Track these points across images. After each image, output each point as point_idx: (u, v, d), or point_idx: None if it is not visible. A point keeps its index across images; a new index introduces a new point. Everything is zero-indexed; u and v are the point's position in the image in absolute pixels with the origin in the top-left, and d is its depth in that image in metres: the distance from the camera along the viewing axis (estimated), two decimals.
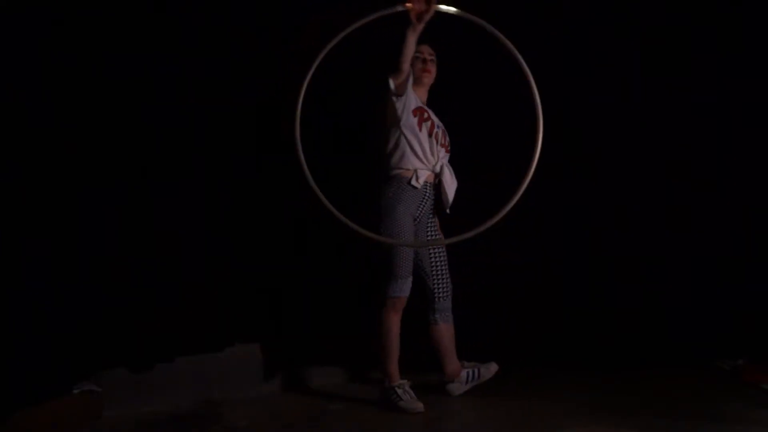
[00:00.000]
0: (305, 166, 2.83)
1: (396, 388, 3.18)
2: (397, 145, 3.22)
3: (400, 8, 2.93)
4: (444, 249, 3.38)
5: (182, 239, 3.27)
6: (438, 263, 3.35)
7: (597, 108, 3.81)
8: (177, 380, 3.27)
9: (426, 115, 3.24)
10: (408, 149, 3.20)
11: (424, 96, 3.37)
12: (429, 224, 3.35)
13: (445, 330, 3.37)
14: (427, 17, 2.93)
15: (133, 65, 3.15)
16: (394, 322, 3.22)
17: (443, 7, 2.92)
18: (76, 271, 3.00)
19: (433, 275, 3.34)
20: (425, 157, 3.22)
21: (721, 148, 3.82)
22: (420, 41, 3.14)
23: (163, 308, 3.22)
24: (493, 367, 3.40)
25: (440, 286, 3.35)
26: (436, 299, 3.35)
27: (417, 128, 3.19)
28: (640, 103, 3.82)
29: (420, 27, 2.95)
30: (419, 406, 3.13)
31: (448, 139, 3.33)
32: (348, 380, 3.67)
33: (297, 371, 3.59)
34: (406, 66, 3.05)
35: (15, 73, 2.85)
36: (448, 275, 3.37)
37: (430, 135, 3.23)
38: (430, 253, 3.34)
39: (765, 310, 3.75)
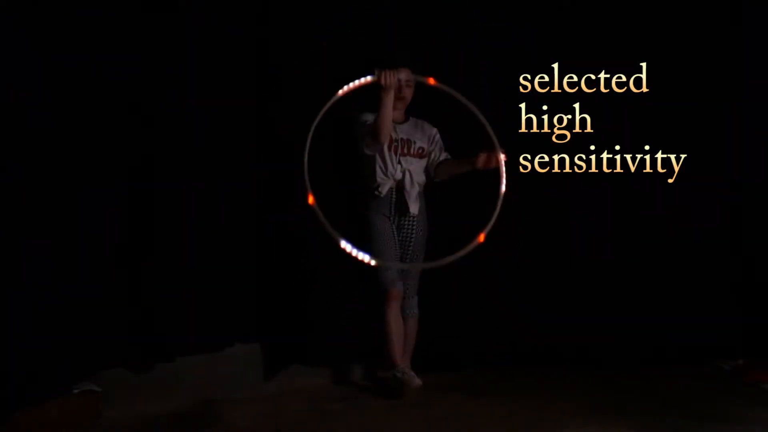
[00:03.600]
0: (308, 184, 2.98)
1: (395, 372, 3.36)
2: (363, 164, 3.54)
3: (370, 78, 3.20)
4: (418, 252, 3.54)
5: (182, 239, 3.27)
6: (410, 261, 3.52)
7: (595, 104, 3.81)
8: (177, 380, 3.27)
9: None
10: (370, 168, 3.51)
11: (398, 114, 3.52)
12: (404, 224, 3.51)
13: (404, 325, 3.51)
14: (395, 86, 3.28)
15: (133, 65, 3.16)
16: (390, 315, 3.43)
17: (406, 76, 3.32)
18: (76, 271, 3.00)
19: (404, 275, 3.50)
20: (385, 172, 3.49)
21: (721, 148, 3.82)
22: (400, 65, 3.37)
23: (163, 308, 3.22)
24: (416, 382, 3.39)
25: (409, 285, 3.52)
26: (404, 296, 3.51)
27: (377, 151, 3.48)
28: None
29: (392, 92, 3.27)
30: (417, 381, 3.33)
31: (417, 145, 3.55)
32: (348, 380, 3.67)
33: (297, 371, 3.59)
34: (383, 139, 3.37)
35: (15, 73, 2.85)
36: (416, 275, 3.52)
37: (389, 150, 3.47)
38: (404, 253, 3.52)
39: (765, 310, 3.75)
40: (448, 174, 3.58)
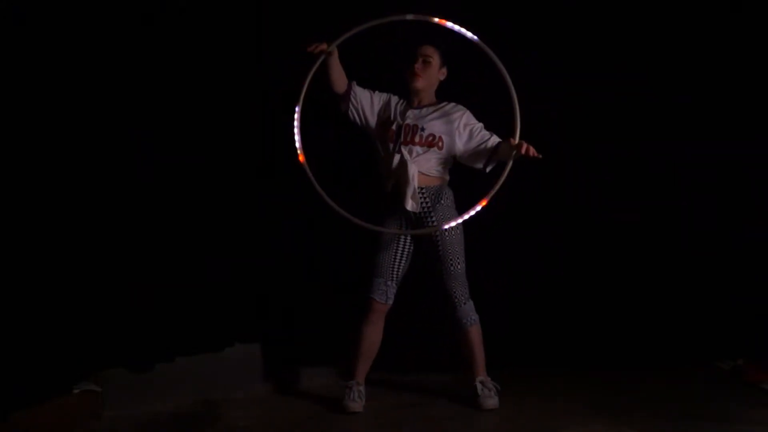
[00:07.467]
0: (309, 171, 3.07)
1: (347, 386, 3.22)
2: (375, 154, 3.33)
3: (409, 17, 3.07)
4: (446, 254, 3.22)
5: (182, 239, 3.26)
6: (444, 270, 3.23)
7: (603, 106, 3.80)
8: (177, 380, 3.27)
9: (387, 123, 3.26)
10: (379, 158, 3.30)
11: (420, 98, 3.28)
12: (422, 222, 3.23)
13: (463, 337, 3.28)
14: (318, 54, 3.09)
15: (133, 65, 3.16)
16: (367, 328, 3.22)
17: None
18: (76, 270, 3.00)
19: (444, 282, 3.24)
20: (383, 162, 3.25)
21: (719, 148, 3.82)
22: (423, 42, 3.25)
23: (163, 308, 3.22)
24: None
25: (452, 293, 3.24)
26: (451, 308, 3.27)
27: (377, 140, 3.28)
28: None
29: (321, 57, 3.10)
30: (354, 406, 3.15)
31: (427, 132, 3.20)
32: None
33: (297, 371, 3.59)
34: (334, 89, 3.21)
35: (14, 73, 2.85)
36: (455, 281, 3.24)
37: (387, 138, 3.22)
38: (436, 259, 3.25)
39: (764, 310, 3.75)
40: (488, 158, 3.21)
